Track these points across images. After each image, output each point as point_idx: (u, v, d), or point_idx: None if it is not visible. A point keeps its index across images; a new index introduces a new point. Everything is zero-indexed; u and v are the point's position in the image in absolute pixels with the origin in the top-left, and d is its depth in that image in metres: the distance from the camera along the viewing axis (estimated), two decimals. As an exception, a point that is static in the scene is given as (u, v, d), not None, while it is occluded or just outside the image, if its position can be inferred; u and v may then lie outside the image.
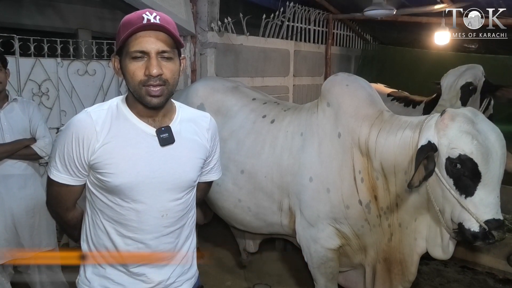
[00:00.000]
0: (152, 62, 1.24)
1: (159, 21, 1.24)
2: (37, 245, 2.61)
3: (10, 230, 2.52)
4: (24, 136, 2.54)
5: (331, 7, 5.89)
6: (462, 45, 6.04)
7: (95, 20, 5.77)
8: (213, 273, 3.53)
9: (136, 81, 1.26)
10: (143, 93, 1.27)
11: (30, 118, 2.58)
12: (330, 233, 2.41)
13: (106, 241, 1.37)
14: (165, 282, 1.42)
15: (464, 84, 3.45)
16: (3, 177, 2.49)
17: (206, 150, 1.48)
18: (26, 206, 2.53)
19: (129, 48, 1.25)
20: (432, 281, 3.49)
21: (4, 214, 2.49)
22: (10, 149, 2.45)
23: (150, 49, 1.24)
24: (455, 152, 1.84)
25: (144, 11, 1.26)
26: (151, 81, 1.25)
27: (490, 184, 1.83)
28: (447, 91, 3.51)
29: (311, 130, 2.46)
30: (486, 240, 1.83)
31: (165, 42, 1.26)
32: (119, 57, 1.31)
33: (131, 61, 1.26)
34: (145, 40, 1.24)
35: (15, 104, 2.56)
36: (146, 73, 1.25)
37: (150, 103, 1.28)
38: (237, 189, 2.68)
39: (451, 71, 3.61)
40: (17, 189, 2.54)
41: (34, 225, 2.59)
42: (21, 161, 2.54)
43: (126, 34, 1.23)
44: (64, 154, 1.32)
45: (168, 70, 1.28)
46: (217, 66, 4.43)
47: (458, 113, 1.90)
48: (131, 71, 1.26)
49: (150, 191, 1.33)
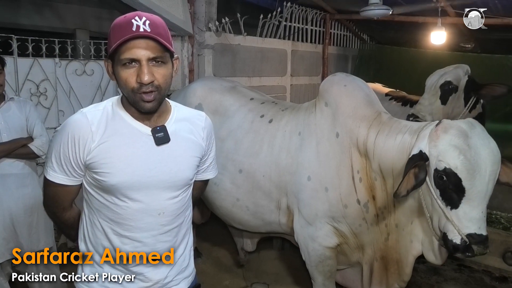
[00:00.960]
0: (143, 70, 1.24)
1: (148, 27, 1.23)
2: (36, 243, 2.61)
3: (8, 229, 2.52)
4: (21, 135, 2.54)
5: (328, 7, 5.91)
6: (458, 44, 6.07)
7: (92, 20, 5.77)
8: (211, 272, 3.54)
9: (129, 88, 1.27)
10: (137, 99, 1.28)
11: (27, 117, 2.58)
12: (328, 232, 2.43)
13: (103, 240, 1.38)
14: (163, 280, 1.43)
15: (443, 83, 3.50)
16: (1, 176, 2.49)
17: (201, 148, 1.49)
18: (24, 205, 2.53)
19: (120, 56, 1.25)
20: (429, 279, 3.51)
21: (2, 214, 2.48)
22: (7, 148, 2.45)
23: (141, 56, 1.24)
24: (441, 165, 1.86)
25: (133, 15, 1.25)
26: (144, 88, 1.26)
27: (475, 199, 1.83)
28: (428, 90, 3.57)
29: (309, 130, 2.48)
30: (466, 253, 1.84)
31: (156, 48, 1.26)
32: (112, 62, 1.31)
33: (123, 68, 1.26)
34: (135, 47, 1.23)
35: (12, 103, 2.56)
36: (138, 80, 1.25)
37: (143, 108, 1.29)
38: (235, 188, 2.69)
39: (437, 71, 3.67)
40: (15, 188, 2.54)
41: (32, 224, 2.59)
42: (18, 160, 2.54)
43: (117, 43, 1.23)
44: (60, 154, 1.33)
45: (160, 75, 1.28)
46: (214, 66, 4.44)
47: (452, 125, 1.90)
48: (123, 78, 1.27)
49: (147, 190, 1.34)
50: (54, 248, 2.81)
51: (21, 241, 2.56)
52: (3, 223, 2.50)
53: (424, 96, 3.61)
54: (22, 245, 2.56)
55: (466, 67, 3.60)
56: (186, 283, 1.51)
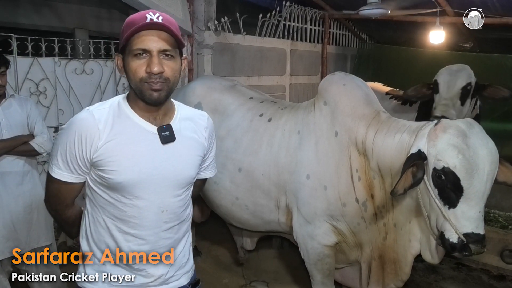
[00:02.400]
0: (154, 60, 1.28)
1: (161, 21, 1.28)
2: (35, 241, 2.61)
3: (8, 227, 2.52)
4: (22, 133, 2.54)
5: (327, 7, 5.92)
6: (457, 44, 6.08)
7: (92, 20, 5.77)
8: (210, 270, 3.55)
9: (137, 78, 1.30)
10: (144, 88, 1.30)
11: (28, 115, 2.59)
12: (327, 230, 2.44)
13: (107, 237, 1.39)
14: (165, 276, 1.45)
15: (465, 85, 3.46)
16: (1, 174, 2.49)
17: (204, 148, 1.52)
18: (23, 202, 2.54)
19: (132, 46, 1.29)
20: (427, 277, 3.52)
21: (2, 211, 2.49)
22: (8, 145, 2.45)
23: (152, 47, 1.28)
24: (440, 164, 1.86)
25: (148, 11, 1.30)
26: (152, 78, 1.29)
27: (473, 199, 1.83)
28: (446, 90, 3.52)
29: (308, 129, 2.49)
30: (463, 252, 1.85)
31: (167, 41, 1.30)
32: (122, 56, 1.34)
33: (134, 58, 1.29)
34: (147, 38, 1.28)
35: (13, 100, 2.57)
36: (147, 70, 1.28)
37: (150, 97, 1.31)
38: (235, 187, 2.70)
39: (445, 70, 3.61)
40: (14, 186, 2.54)
41: (32, 221, 2.59)
42: (18, 158, 2.55)
43: (129, 32, 1.26)
44: (66, 152, 1.34)
45: (169, 68, 1.31)
46: (214, 65, 4.45)
47: (451, 125, 1.91)
48: (133, 68, 1.30)
49: (152, 188, 1.36)
50: (54, 245, 2.82)
51: (20, 239, 2.56)
52: (3, 221, 2.50)
53: (444, 96, 3.49)
54: (22, 242, 2.56)
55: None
56: (186, 278, 1.53)
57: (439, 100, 3.50)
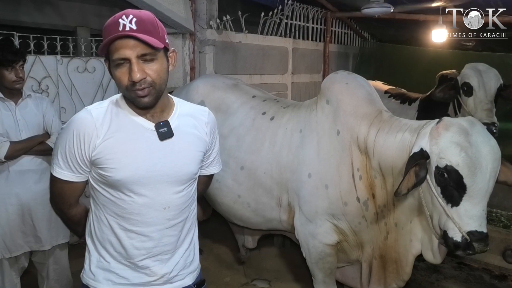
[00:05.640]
0: (133, 68, 1.25)
1: (135, 24, 1.24)
2: (55, 238, 2.65)
3: (27, 223, 2.55)
4: (38, 132, 2.57)
5: (329, 5, 5.91)
6: (459, 42, 6.07)
7: (93, 18, 5.75)
8: (212, 269, 3.56)
9: (123, 87, 1.29)
10: (132, 96, 1.30)
11: (44, 114, 2.62)
12: (328, 229, 2.44)
13: (110, 235, 1.40)
14: (169, 275, 1.45)
15: (499, 85, 3.41)
16: (20, 172, 2.52)
17: (205, 143, 1.52)
18: (42, 200, 2.54)
19: (112, 56, 1.27)
20: (429, 277, 3.52)
21: (21, 208, 2.52)
22: (26, 146, 2.48)
23: (129, 55, 1.24)
24: (442, 162, 1.86)
25: (121, 15, 1.26)
26: (136, 86, 1.27)
27: (476, 197, 1.83)
28: (484, 93, 3.41)
29: (310, 127, 2.49)
30: (467, 250, 1.84)
31: (143, 46, 1.25)
32: (108, 63, 1.33)
33: (116, 68, 1.28)
34: (123, 47, 1.24)
35: (29, 100, 2.59)
36: (130, 79, 1.26)
37: (140, 104, 1.31)
38: (237, 185, 2.70)
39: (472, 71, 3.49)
40: (33, 184, 2.56)
41: (51, 219, 2.60)
42: (36, 156, 2.57)
43: (104, 44, 1.25)
44: (66, 151, 1.35)
45: (152, 71, 1.29)
46: (216, 64, 4.45)
47: (453, 123, 1.91)
48: (117, 78, 1.29)
49: (151, 184, 1.36)
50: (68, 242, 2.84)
51: (39, 236, 2.59)
52: (22, 218, 2.53)
53: (485, 100, 3.41)
54: (41, 239, 2.59)
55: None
56: (191, 278, 1.53)
57: (478, 104, 3.41)
